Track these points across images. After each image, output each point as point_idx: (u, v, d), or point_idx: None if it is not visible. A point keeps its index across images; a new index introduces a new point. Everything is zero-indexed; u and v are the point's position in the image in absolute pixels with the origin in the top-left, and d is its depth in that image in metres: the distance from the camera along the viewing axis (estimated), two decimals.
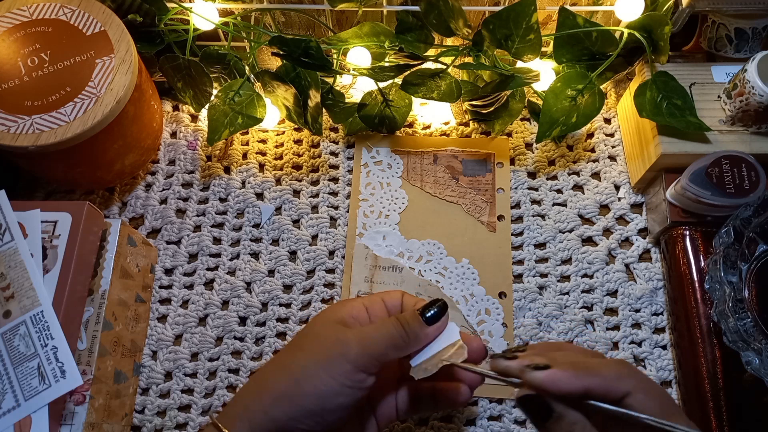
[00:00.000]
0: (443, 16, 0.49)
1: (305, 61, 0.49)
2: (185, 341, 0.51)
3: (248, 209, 0.55)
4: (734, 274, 0.42)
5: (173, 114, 0.60)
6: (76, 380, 0.39)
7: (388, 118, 0.56)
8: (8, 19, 0.49)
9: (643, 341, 0.49)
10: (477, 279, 0.51)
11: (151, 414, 0.48)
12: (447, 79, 0.51)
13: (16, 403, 0.38)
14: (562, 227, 0.54)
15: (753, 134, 0.48)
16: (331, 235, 0.54)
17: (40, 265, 0.42)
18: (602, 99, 0.51)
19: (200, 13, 0.52)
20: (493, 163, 0.56)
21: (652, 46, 0.49)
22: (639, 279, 0.51)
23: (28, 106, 0.46)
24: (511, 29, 0.48)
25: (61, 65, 0.48)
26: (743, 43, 0.51)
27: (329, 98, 0.55)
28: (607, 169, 0.56)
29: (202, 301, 0.52)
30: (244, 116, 0.53)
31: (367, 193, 0.55)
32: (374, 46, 0.52)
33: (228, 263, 0.53)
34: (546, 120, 0.50)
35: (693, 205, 0.47)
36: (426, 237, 0.53)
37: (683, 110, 0.48)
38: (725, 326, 0.41)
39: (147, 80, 0.53)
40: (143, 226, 0.55)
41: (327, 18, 0.55)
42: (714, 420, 0.44)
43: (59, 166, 0.50)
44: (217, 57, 0.54)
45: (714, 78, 0.50)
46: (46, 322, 0.40)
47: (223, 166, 0.57)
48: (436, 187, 0.55)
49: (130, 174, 0.56)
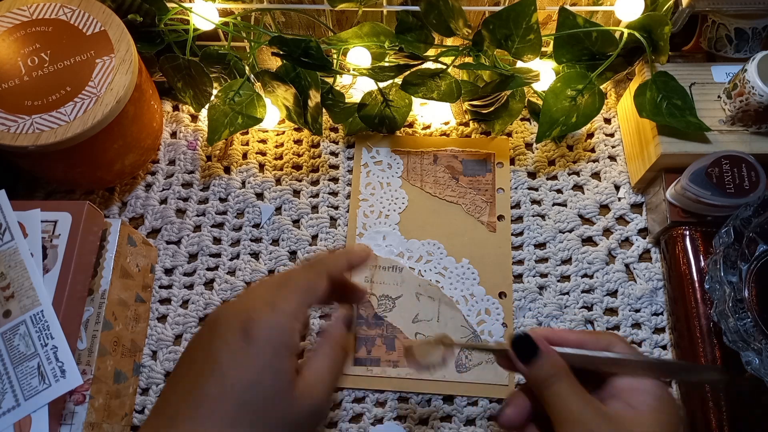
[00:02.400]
0: (443, 16, 0.49)
1: (305, 61, 0.49)
2: (185, 341, 0.51)
3: (248, 209, 0.55)
4: (734, 274, 0.42)
5: (173, 114, 0.60)
6: (76, 380, 0.39)
7: (388, 118, 0.56)
8: (8, 19, 0.49)
9: (643, 341, 0.49)
10: (477, 279, 0.51)
11: None
12: (447, 79, 0.51)
13: (16, 403, 0.38)
14: (562, 227, 0.54)
15: (753, 134, 0.48)
16: (331, 235, 0.54)
17: (40, 265, 0.42)
18: (602, 99, 0.51)
19: (200, 13, 0.52)
20: (493, 163, 0.56)
21: (652, 46, 0.49)
22: (639, 279, 0.51)
23: (28, 105, 0.46)
24: (511, 29, 0.48)
25: (61, 65, 0.48)
26: (743, 43, 0.51)
27: (329, 98, 0.55)
28: (607, 169, 0.56)
29: (202, 301, 0.52)
30: (244, 116, 0.53)
31: (367, 193, 0.55)
32: (374, 46, 0.52)
33: (228, 263, 0.53)
34: (546, 120, 0.50)
35: (693, 205, 0.47)
36: (426, 237, 0.53)
37: (683, 110, 0.48)
38: (725, 326, 0.41)
39: (147, 80, 0.53)
40: (143, 226, 0.55)
41: (327, 18, 0.55)
42: (714, 420, 0.43)
43: (59, 166, 0.50)
44: (217, 57, 0.54)
45: (714, 78, 0.50)
46: (46, 322, 0.40)
47: (223, 166, 0.57)
48: (436, 187, 0.55)
49: (130, 174, 0.56)
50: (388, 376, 0.48)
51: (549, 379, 0.35)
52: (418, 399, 0.48)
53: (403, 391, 0.48)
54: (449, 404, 0.48)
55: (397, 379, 0.48)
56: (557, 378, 0.35)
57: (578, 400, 0.34)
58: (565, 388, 0.34)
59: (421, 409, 0.48)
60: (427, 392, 0.48)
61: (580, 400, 0.34)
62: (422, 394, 0.48)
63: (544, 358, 0.35)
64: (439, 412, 0.48)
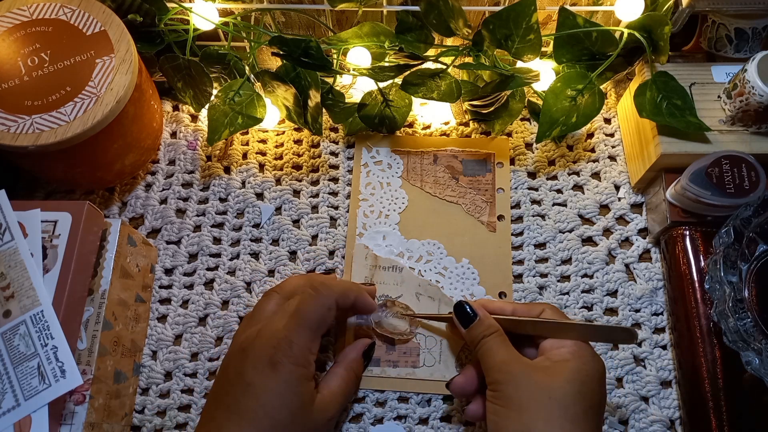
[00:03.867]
0: (443, 16, 0.49)
1: (305, 61, 0.49)
2: (185, 341, 0.51)
3: (248, 209, 0.55)
4: (734, 274, 0.42)
5: (173, 114, 0.60)
6: (76, 380, 0.39)
7: (388, 118, 0.56)
8: (8, 19, 0.49)
9: (643, 341, 0.49)
10: (477, 279, 0.51)
11: (151, 414, 0.48)
12: (447, 79, 0.51)
13: (16, 403, 0.38)
14: (562, 227, 0.54)
15: (753, 134, 0.48)
16: (331, 235, 0.54)
17: (40, 265, 0.42)
18: (602, 99, 0.51)
19: (200, 13, 0.52)
20: (493, 163, 0.56)
21: (652, 46, 0.49)
22: (639, 279, 0.51)
23: (28, 105, 0.46)
24: (511, 29, 0.48)
25: (61, 65, 0.48)
26: (743, 43, 0.51)
27: (329, 98, 0.55)
28: (607, 169, 0.56)
29: (202, 301, 0.52)
30: (244, 116, 0.53)
31: (367, 193, 0.55)
32: (374, 46, 0.52)
33: (228, 263, 0.53)
34: (546, 120, 0.50)
35: (693, 205, 0.47)
36: (426, 237, 0.53)
37: (683, 110, 0.48)
38: (725, 326, 0.41)
39: (147, 80, 0.53)
40: (143, 226, 0.55)
41: (327, 18, 0.55)
42: (714, 420, 0.44)
43: (59, 166, 0.50)
44: (217, 57, 0.54)
45: (714, 78, 0.50)
46: (46, 322, 0.40)
47: (223, 166, 0.57)
48: (436, 187, 0.55)
49: (130, 174, 0.56)
50: (388, 376, 0.48)
51: (483, 337, 0.41)
52: (418, 399, 0.48)
53: (403, 391, 0.48)
54: (449, 404, 0.48)
55: (397, 379, 0.48)
56: (489, 336, 0.41)
57: (504, 351, 0.40)
58: (495, 343, 0.41)
59: (421, 409, 0.48)
60: (427, 392, 0.48)
61: (506, 351, 0.40)
62: (422, 394, 0.48)
63: (479, 321, 0.43)
64: (439, 412, 0.48)
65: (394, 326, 0.48)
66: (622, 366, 0.48)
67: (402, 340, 0.49)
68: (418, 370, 0.48)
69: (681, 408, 0.47)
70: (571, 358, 0.39)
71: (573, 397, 0.37)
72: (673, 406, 0.47)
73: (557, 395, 0.37)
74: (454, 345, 0.49)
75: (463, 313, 0.44)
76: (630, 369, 0.48)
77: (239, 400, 0.38)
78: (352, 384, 0.44)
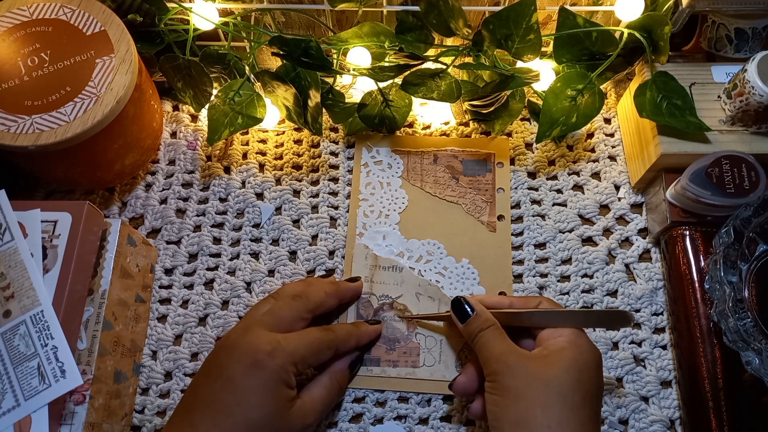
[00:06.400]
0: (443, 16, 0.49)
1: (305, 61, 0.49)
2: (185, 341, 0.51)
3: (248, 209, 0.55)
4: (734, 274, 0.42)
5: (173, 114, 0.60)
6: (76, 380, 0.39)
7: (388, 118, 0.56)
8: (8, 18, 0.49)
9: (643, 341, 0.49)
10: (477, 279, 0.51)
11: (151, 414, 0.48)
12: (447, 79, 0.51)
13: (16, 403, 0.38)
14: (562, 227, 0.54)
15: (753, 134, 0.48)
16: (331, 235, 0.54)
17: (40, 265, 0.42)
18: (602, 99, 0.51)
19: (200, 13, 0.52)
20: (493, 163, 0.56)
21: (652, 46, 0.49)
22: (639, 279, 0.51)
23: (28, 105, 0.46)
24: (511, 29, 0.48)
25: (61, 65, 0.48)
26: (743, 43, 0.51)
27: (329, 98, 0.55)
28: (607, 169, 0.56)
29: (202, 301, 0.52)
30: (244, 116, 0.53)
31: (367, 193, 0.55)
32: (374, 46, 0.52)
33: (228, 263, 0.53)
34: (546, 120, 0.50)
35: (693, 205, 0.47)
36: (426, 237, 0.53)
37: (683, 110, 0.48)
38: (725, 326, 0.41)
39: (147, 80, 0.53)
40: (143, 226, 0.55)
41: (327, 18, 0.55)
42: (714, 420, 0.44)
43: (59, 166, 0.50)
44: (217, 57, 0.54)
45: (714, 78, 0.50)
46: (46, 322, 0.40)
47: (223, 166, 0.57)
48: (436, 187, 0.55)
49: (130, 174, 0.56)
50: (388, 376, 0.48)
51: (480, 331, 0.42)
52: (418, 399, 0.48)
53: (403, 391, 0.48)
54: (449, 404, 0.48)
55: (397, 379, 0.48)
56: (486, 329, 0.42)
57: (501, 343, 0.41)
58: (492, 336, 0.41)
59: (421, 409, 0.48)
60: (427, 392, 0.48)
61: (503, 343, 0.41)
62: (422, 394, 0.48)
63: (476, 315, 0.43)
64: (439, 412, 0.48)
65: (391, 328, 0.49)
66: (622, 366, 0.48)
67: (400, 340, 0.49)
68: (418, 370, 0.48)
69: (681, 408, 0.47)
70: (568, 346, 0.39)
71: (571, 386, 0.37)
72: (673, 406, 0.47)
73: (555, 384, 0.37)
74: (454, 345, 0.49)
75: (460, 308, 0.44)
76: (630, 369, 0.48)
77: (217, 393, 0.39)
78: (334, 393, 0.45)
